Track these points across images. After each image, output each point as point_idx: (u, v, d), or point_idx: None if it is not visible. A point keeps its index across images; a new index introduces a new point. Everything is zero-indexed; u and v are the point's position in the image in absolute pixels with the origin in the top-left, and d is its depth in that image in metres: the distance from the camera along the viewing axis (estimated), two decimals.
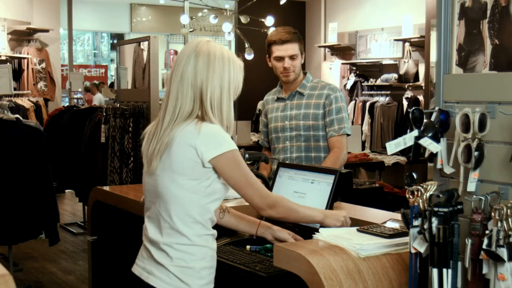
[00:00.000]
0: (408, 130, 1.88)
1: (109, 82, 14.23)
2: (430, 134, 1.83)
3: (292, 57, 3.23)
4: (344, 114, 3.24)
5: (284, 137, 3.31)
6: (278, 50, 3.23)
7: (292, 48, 3.22)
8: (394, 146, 1.92)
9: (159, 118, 2.04)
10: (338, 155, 3.17)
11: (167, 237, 2.00)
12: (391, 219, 2.27)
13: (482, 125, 1.72)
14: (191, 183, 1.97)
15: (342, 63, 9.39)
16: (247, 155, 2.90)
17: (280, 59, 3.24)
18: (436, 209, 1.69)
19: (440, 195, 1.73)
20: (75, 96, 9.81)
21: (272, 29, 7.87)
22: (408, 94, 8.15)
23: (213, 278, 2.07)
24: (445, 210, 1.68)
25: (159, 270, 2.00)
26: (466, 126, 1.74)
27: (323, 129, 3.24)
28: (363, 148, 8.08)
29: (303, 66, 3.38)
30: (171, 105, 2.00)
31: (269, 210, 2.07)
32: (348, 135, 3.26)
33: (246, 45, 7.90)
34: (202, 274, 2.02)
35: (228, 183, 2.02)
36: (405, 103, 8.05)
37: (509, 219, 1.56)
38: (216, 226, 2.32)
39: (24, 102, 8.32)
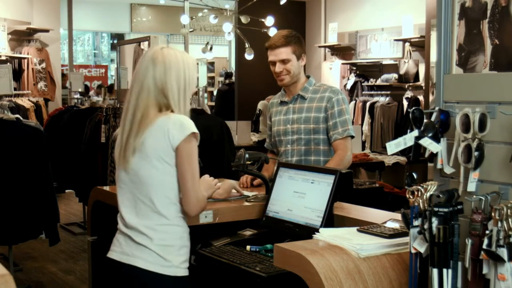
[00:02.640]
0: (408, 130, 1.88)
1: (109, 83, 14.22)
2: (430, 134, 1.83)
3: (283, 61, 3.22)
4: (346, 116, 3.23)
5: (286, 141, 3.31)
6: (270, 55, 3.27)
7: (284, 52, 3.21)
8: (394, 146, 1.92)
9: (124, 124, 2.28)
10: (342, 157, 3.17)
11: (148, 220, 2.20)
12: (391, 219, 2.27)
13: (482, 125, 1.72)
14: (165, 166, 2.19)
15: (342, 63, 9.38)
16: (247, 155, 2.89)
17: (273, 63, 3.26)
18: (436, 209, 1.69)
19: (440, 195, 1.73)
20: (75, 96, 9.80)
21: (272, 29, 7.90)
22: (408, 94, 8.14)
23: (188, 258, 2.26)
24: (445, 210, 1.68)
25: (140, 251, 2.18)
26: (466, 126, 1.74)
27: (324, 132, 3.23)
28: (363, 148, 8.07)
29: (303, 67, 3.37)
30: (135, 112, 2.25)
31: (200, 210, 2.26)
32: (352, 137, 3.25)
33: (246, 45, 7.89)
34: (181, 252, 2.21)
35: (178, 170, 2.19)
36: (405, 103, 8.04)
37: (509, 219, 1.56)
38: (216, 226, 2.36)
39: (24, 102, 8.31)
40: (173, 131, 2.17)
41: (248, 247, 2.47)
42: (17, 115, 4.88)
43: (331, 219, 2.43)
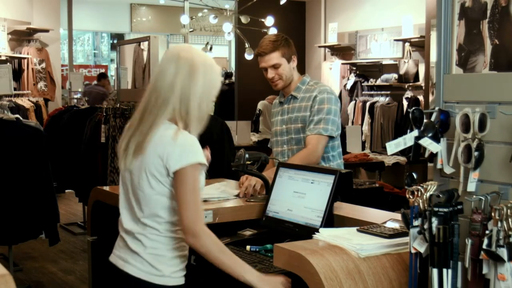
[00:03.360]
0: (408, 130, 1.88)
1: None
2: (430, 134, 1.83)
3: (274, 66, 3.23)
4: (324, 115, 3.14)
5: (282, 141, 3.34)
6: (261, 62, 3.27)
7: (274, 58, 3.21)
8: (394, 146, 1.92)
9: (139, 117, 2.11)
10: (308, 153, 3.10)
11: (141, 228, 2.11)
12: (391, 219, 2.27)
13: (482, 125, 1.72)
14: (159, 185, 2.05)
15: (342, 63, 9.38)
16: (247, 155, 2.89)
17: (265, 69, 3.27)
18: (436, 209, 1.69)
19: (440, 195, 1.73)
20: (75, 96, 9.80)
21: (272, 29, 7.90)
22: (408, 94, 8.14)
23: (184, 266, 2.16)
24: (445, 210, 1.68)
25: (133, 258, 2.11)
26: (466, 126, 1.74)
27: None
28: (363, 148, 8.07)
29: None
30: (153, 106, 2.07)
31: (191, 237, 2.00)
32: (330, 136, 3.16)
33: (246, 45, 7.90)
34: (174, 262, 2.12)
35: (175, 190, 2.02)
36: (405, 103, 8.04)
37: (509, 219, 1.56)
38: (216, 226, 2.33)
39: (24, 102, 8.31)
40: (171, 158, 2.00)
41: (248, 247, 2.47)
42: (17, 115, 4.88)
43: (331, 219, 2.43)
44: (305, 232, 2.32)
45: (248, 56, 7.85)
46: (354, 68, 9.26)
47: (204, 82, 2.08)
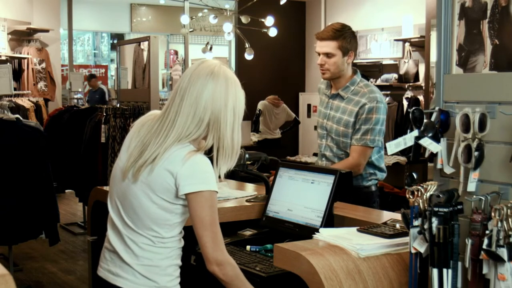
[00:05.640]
0: (408, 130, 1.88)
1: (109, 82, 14.19)
2: (430, 134, 1.83)
3: (327, 55, 3.16)
4: (372, 126, 3.10)
5: (321, 134, 3.32)
6: (317, 46, 3.22)
7: (328, 46, 3.14)
8: (394, 146, 1.92)
9: (160, 126, 1.98)
10: (350, 164, 3.09)
11: (132, 235, 2.00)
12: (391, 219, 2.27)
13: (482, 125, 1.72)
14: (163, 202, 1.96)
15: None
16: (247, 155, 2.89)
17: (318, 54, 3.22)
18: (436, 209, 1.69)
19: (440, 195, 1.73)
20: (75, 96, 9.80)
21: (272, 29, 7.91)
22: (408, 94, 8.15)
23: (178, 274, 2.07)
24: (445, 210, 1.68)
25: (125, 271, 2.01)
26: (466, 126, 1.74)
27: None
28: None
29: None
30: (180, 122, 1.94)
31: (215, 266, 1.93)
32: (371, 147, 3.13)
33: (246, 45, 7.90)
34: (169, 272, 2.03)
35: (191, 218, 1.94)
36: (405, 103, 8.05)
37: (509, 219, 1.56)
38: None
39: (24, 102, 8.31)
40: (181, 179, 1.91)
41: (248, 247, 2.47)
42: (17, 115, 4.87)
43: (331, 219, 2.43)
44: (305, 232, 2.32)
45: (248, 56, 7.85)
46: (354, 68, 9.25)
47: (234, 100, 2.00)
